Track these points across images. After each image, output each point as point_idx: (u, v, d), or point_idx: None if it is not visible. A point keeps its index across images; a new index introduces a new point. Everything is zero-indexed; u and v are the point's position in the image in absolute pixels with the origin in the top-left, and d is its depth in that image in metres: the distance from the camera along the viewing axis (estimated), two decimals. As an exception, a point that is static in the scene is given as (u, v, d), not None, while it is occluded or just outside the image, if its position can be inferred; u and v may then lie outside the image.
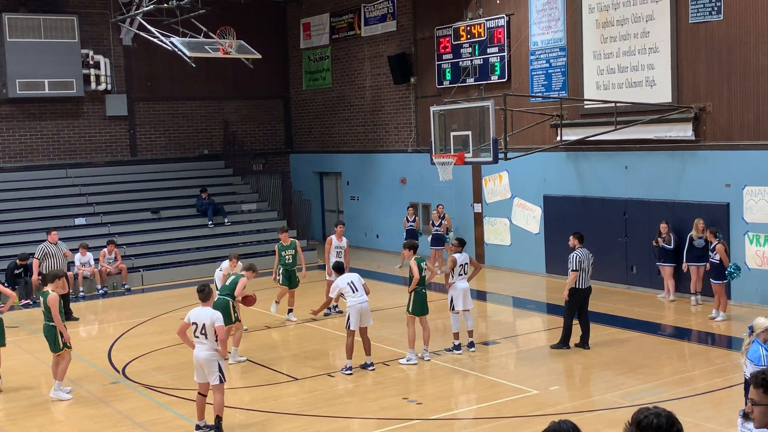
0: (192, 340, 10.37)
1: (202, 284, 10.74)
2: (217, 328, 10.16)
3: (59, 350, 12.07)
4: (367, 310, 12.81)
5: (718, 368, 12.40)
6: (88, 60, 24.81)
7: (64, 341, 12.07)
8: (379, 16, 24.64)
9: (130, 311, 18.58)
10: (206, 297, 10.44)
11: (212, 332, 10.17)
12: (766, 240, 15.66)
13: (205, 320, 10.20)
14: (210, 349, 10.21)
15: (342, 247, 16.71)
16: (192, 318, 10.34)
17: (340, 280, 12.99)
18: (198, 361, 10.28)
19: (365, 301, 12.79)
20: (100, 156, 25.85)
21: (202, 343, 10.23)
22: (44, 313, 12.11)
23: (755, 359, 7.97)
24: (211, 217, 24.38)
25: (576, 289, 13.51)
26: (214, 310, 10.44)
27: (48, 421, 11.37)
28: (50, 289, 12.08)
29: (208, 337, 10.18)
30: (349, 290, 12.79)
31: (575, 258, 13.46)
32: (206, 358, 10.20)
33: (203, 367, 10.24)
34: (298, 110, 29.02)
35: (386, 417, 10.85)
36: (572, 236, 13.87)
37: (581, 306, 13.67)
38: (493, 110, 15.63)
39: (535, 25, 19.91)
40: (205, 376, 10.28)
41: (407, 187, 24.25)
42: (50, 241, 18.12)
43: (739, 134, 16.10)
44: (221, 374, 10.26)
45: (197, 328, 10.26)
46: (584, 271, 13.49)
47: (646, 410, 4.31)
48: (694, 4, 16.50)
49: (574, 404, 11.07)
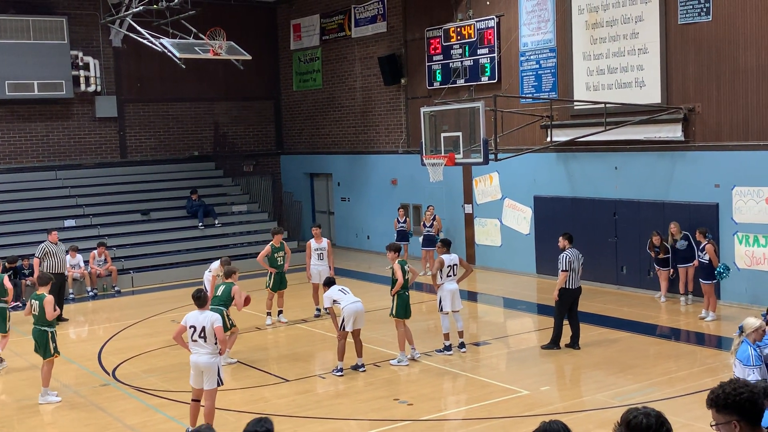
0: (188, 344, 10.24)
1: (199, 290, 10.60)
2: (217, 329, 10.07)
3: (50, 356, 11.99)
4: (361, 312, 12.80)
5: (708, 368, 12.45)
6: (77, 61, 24.73)
7: (55, 347, 11.99)
8: (370, 17, 24.64)
9: (120, 313, 18.53)
10: (203, 303, 10.33)
11: (212, 335, 10.07)
12: (756, 240, 15.73)
13: (205, 323, 10.07)
14: (211, 353, 10.10)
15: (323, 248, 16.65)
16: (189, 321, 10.19)
17: (332, 290, 13.00)
18: (198, 367, 10.13)
19: (358, 301, 12.80)
20: (89, 158, 25.78)
21: (201, 347, 10.09)
22: (36, 316, 12.03)
23: (744, 359, 8.00)
24: (201, 219, 24.34)
25: (566, 289, 13.55)
26: (212, 313, 10.36)
27: (38, 423, 11.33)
28: (45, 291, 12.04)
29: (207, 341, 10.06)
30: (341, 295, 12.81)
31: (565, 258, 13.51)
32: (207, 362, 10.08)
33: (203, 372, 10.12)
34: (288, 111, 29.00)
35: (377, 418, 10.85)
36: (562, 237, 13.94)
37: (571, 306, 13.69)
38: (483, 111, 15.66)
39: (524, 26, 19.95)
40: (202, 382, 10.15)
41: (398, 188, 24.26)
42: (51, 240, 18.08)
43: (728, 135, 16.16)
44: (219, 378, 10.21)
45: (195, 332, 10.10)
46: (574, 271, 13.54)
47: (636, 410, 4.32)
48: (683, 5, 16.56)
49: (564, 404, 11.09)
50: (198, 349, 10.12)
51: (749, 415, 4.10)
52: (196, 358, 10.15)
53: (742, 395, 4.09)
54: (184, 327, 10.24)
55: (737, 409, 4.09)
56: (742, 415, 4.09)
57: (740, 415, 4.09)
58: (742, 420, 4.09)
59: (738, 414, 4.09)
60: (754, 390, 4.13)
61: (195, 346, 10.13)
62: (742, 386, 4.12)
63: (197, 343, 10.11)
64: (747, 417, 4.10)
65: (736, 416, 4.09)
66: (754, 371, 7.87)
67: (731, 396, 4.10)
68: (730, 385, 4.16)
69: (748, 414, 4.10)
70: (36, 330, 12.03)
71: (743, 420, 4.09)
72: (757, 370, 7.93)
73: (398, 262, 13.26)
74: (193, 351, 10.18)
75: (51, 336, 11.96)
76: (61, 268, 17.71)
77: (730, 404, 4.10)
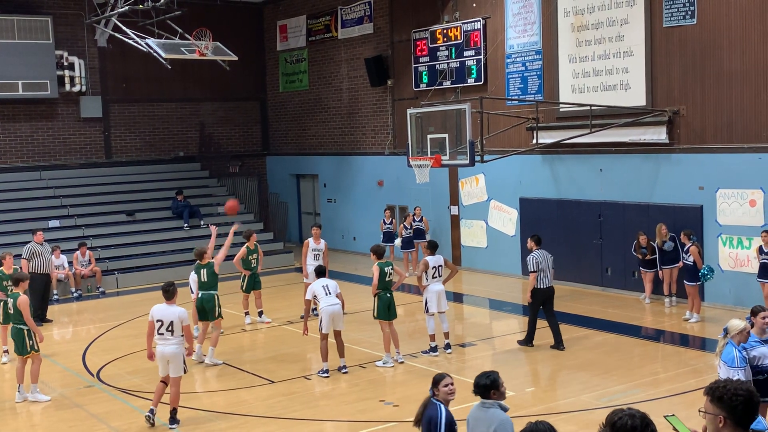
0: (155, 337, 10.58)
1: (168, 283, 10.87)
2: (185, 327, 10.50)
3: (27, 353, 11.94)
4: (338, 314, 12.82)
5: (692, 369, 12.51)
6: (62, 61, 24.60)
7: (32, 344, 11.94)
8: (356, 18, 24.65)
9: (105, 314, 18.44)
10: (171, 295, 10.64)
11: (179, 329, 10.44)
12: (739, 242, 15.83)
13: (173, 318, 10.45)
14: (177, 343, 10.48)
15: (320, 249, 16.66)
16: (156, 315, 10.52)
17: (316, 283, 13.02)
18: (164, 356, 10.51)
19: (335, 304, 12.81)
20: (74, 158, 25.65)
21: (167, 339, 10.47)
22: (11, 315, 12.02)
23: (729, 361, 8.04)
24: (186, 220, 24.25)
25: (537, 289, 13.83)
26: (180, 308, 10.63)
27: (22, 425, 11.26)
28: (20, 291, 12.00)
29: (174, 334, 10.44)
30: (323, 293, 12.84)
31: (533, 260, 13.82)
32: (173, 351, 10.48)
33: (170, 361, 10.49)
34: (274, 112, 28.95)
35: (363, 419, 10.85)
36: (530, 239, 14.27)
37: (546, 307, 13.95)
38: (469, 113, 15.70)
39: (511, 29, 20.00)
40: (168, 370, 10.55)
41: (384, 189, 24.26)
42: (36, 241, 17.96)
43: (712, 137, 16.26)
44: (185, 366, 10.68)
45: (162, 326, 10.45)
46: (543, 271, 13.81)
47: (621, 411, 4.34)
48: (668, 8, 16.64)
49: (549, 405, 11.12)
50: (164, 341, 10.48)
51: (738, 418, 4.18)
52: (162, 348, 10.53)
53: (739, 398, 4.18)
54: (153, 322, 10.54)
55: (728, 408, 4.18)
56: (730, 414, 4.18)
57: (729, 413, 4.17)
58: (729, 418, 4.17)
59: (727, 412, 4.18)
60: (752, 398, 4.20)
61: (161, 339, 10.48)
62: (744, 390, 4.20)
63: (163, 336, 10.46)
64: (735, 418, 4.18)
65: (725, 413, 4.18)
66: (738, 373, 7.92)
67: (728, 393, 4.20)
68: (733, 383, 4.26)
69: (738, 416, 4.18)
70: (13, 328, 12.09)
71: (730, 419, 4.17)
72: (741, 371, 7.97)
73: (377, 264, 13.23)
74: (159, 343, 10.53)
75: (27, 333, 11.91)
76: (47, 269, 17.64)
77: (724, 400, 4.20)
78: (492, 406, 6.65)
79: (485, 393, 6.71)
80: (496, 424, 6.50)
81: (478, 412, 6.70)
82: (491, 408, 6.64)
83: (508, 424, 6.56)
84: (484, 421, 6.61)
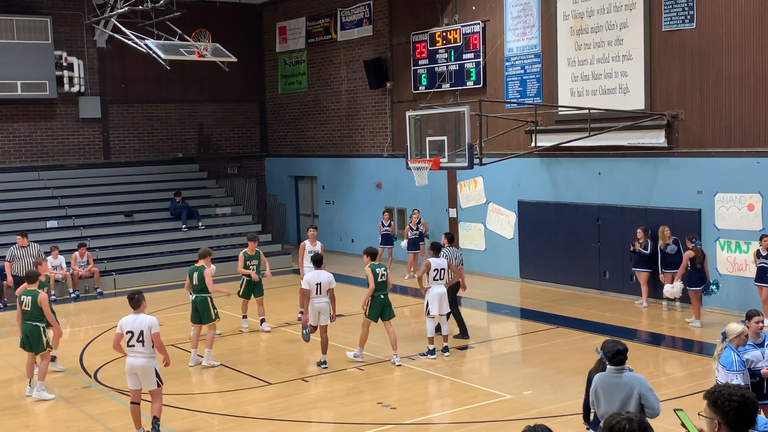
0: (125, 349, 10.16)
1: (133, 292, 10.47)
2: (154, 336, 10.03)
3: (42, 350, 12.03)
4: (324, 309, 13.12)
5: (690, 373, 12.51)
6: (61, 62, 24.59)
7: (47, 341, 12.01)
8: (356, 20, 24.65)
9: (102, 315, 18.42)
10: (138, 304, 10.22)
11: (149, 340, 10.02)
12: (738, 246, 15.83)
13: (142, 327, 10.02)
14: (148, 356, 10.06)
15: (316, 251, 16.66)
16: (125, 327, 10.10)
17: (312, 276, 13.10)
18: (133, 369, 10.10)
19: (323, 302, 13.08)
20: (72, 158, 25.63)
21: (138, 352, 10.04)
22: (29, 312, 11.99)
23: (728, 365, 8.05)
24: (185, 221, 24.24)
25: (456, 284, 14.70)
26: (150, 317, 10.23)
27: (19, 425, 11.24)
28: (35, 287, 12.06)
29: (145, 345, 10.02)
30: (314, 292, 13.06)
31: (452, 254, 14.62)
32: (143, 365, 10.05)
33: (138, 374, 10.10)
34: (273, 114, 28.95)
35: (360, 422, 10.84)
36: (443, 236, 15.14)
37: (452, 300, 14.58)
38: (468, 116, 15.71)
39: (510, 32, 20.01)
40: (139, 383, 10.16)
41: (382, 191, 24.26)
42: (19, 244, 17.92)
43: (710, 141, 16.27)
44: (158, 379, 10.18)
45: (133, 337, 10.03)
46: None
47: (619, 416, 4.35)
48: (667, 12, 16.66)
49: (547, 409, 11.12)
50: (135, 354, 10.07)
51: (731, 423, 4.23)
52: (132, 360, 10.09)
53: (732, 403, 4.22)
54: (121, 334, 10.15)
55: (722, 413, 4.21)
56: (724, 419, 4.23)
57: (723, 418, 4.21)
58: (723, 423, 4.21)
59: (721, 417, 4.22)
60: (747, 404, 4.23)
61: (131, 350, 10.08)
62: (737, 396, 4.24)
63: (134, 348, 10.05)
64: (729, 423, 4.23)
65: (719, 417, 4.24)
66: (737, 376, 7.93)
67: (722, 398, 4.26)
68: (729, 389, 4.30)
69: (731, 421, 4.23)
70: (28, 326, 12.04)
71: (724, 423, 4.21)
72: (740, 375, 7.98)
73: (369, 266, 13.25)
74: (130, 354, 10.12)
75: (43, 330, 12.02)
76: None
77: (718, 405, 4.25)
78: (625, 370, 7.00)
79: (623, 359, 7.03)
80: (638, 386, 6.90)
81: (612, 378, 7.01)
82: (625, 372, 6.99)
83: (646, 381, 7.01)
84: (620, 387, 6.92)
